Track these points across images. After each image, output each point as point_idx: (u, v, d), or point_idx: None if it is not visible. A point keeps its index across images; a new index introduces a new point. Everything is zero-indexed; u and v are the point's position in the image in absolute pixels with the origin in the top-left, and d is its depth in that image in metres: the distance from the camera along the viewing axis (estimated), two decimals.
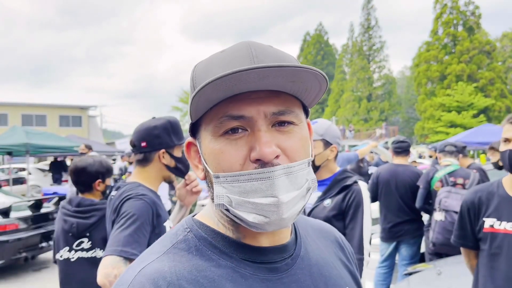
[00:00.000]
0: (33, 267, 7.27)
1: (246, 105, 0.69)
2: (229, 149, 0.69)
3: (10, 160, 13.77)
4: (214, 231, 0.77)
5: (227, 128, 0.70)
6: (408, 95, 59.93)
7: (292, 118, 0.72)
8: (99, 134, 41.31)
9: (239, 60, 0.70)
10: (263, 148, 0.67)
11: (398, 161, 4.96)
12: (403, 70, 73.26)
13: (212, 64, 0.73)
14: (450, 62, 37.78)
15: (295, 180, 0.70)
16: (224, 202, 0.69)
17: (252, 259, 0.75)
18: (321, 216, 2.34)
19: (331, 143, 2.43)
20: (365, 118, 49.69)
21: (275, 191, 0.67)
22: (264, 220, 0.68)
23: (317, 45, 61.68)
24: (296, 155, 0.71)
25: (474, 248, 2.17)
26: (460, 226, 2.21)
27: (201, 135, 0.75)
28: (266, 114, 0.69)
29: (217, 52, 0.77)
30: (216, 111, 0.70)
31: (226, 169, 0.69)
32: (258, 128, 0.69)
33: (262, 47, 0.74)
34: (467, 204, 2.16)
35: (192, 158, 0.81)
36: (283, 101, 0.71)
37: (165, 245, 0.75)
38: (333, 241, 0.95)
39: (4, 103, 38.30)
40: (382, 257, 4.78)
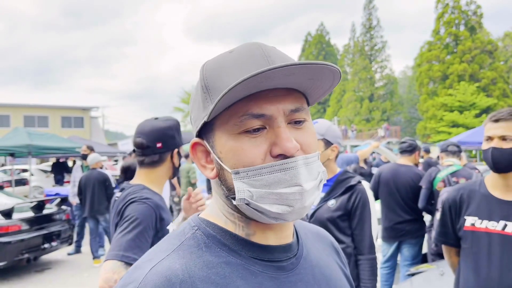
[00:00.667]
0: (36, 268, 7.28)
1: (266, 104, 0.71)
2: (250, 146, 0.71)
3: (12, 161, 13.79)
4: (222, 229, 0.78)
5: (248, 127, 0.71)
6: (410, 95, 59.82)
7: (304, 115, 0.75)
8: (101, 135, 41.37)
9: (254, 60, 0.72)
10: (285, 143, 0.69)
11: (402, 161, 4.97)
12: (405, 70, 73.17)
13: (225, 64, 0.74)
14: (452, 61, 37.70)
15: (312, 170, 0.73)
16: (246, 196, 0.71)
17: (260, 257, 0.76)
18: (325, 217, 2.35)
19: (332, 143, 2.42)
20: (367, 118, 49.62)
21: (299, 180, 0.70)
22: (288, 209, 0.70)
23: (318, 45, 61.63)
24: (310, 149, 0.75)
25: (455, 246, 2.18)
26: (442, 223, 2.22)
27: (215, 133, 0.75)
28: (285, 112, 0.72)
29: (225, 52, 0.78)
30: (235, 110, 0.71)
31: (247, 165, 0.71)
32: (277, 125, 0.71)
33: (270, 48, 0.76)
34: (448, 201, 2.16)
35: (198, 159, 0.81)
36: (297, 98, 0.74)
37: (174, 243, 0.76)
38: (329, 245, 0.98)
39: (6, 104, 38.41)
40: (384, 258, 4.77)
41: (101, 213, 7.32)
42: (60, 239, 7.37)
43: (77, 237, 8.14)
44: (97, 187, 7.30)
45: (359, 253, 2.30)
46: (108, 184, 7.40)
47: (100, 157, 7.74)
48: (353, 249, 2.33)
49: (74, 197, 8.22)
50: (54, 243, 7.17)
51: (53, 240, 7.18)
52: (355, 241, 2.33)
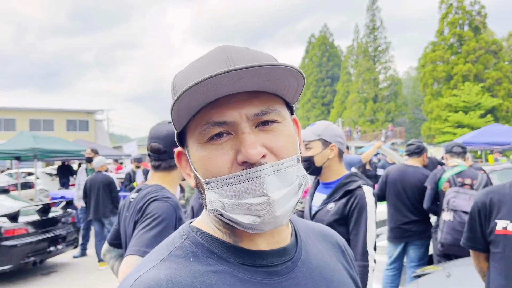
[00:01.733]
0: (42, 271, 7.31)
1: (227, 110, 0.69)
2: (216, 154, 0.70)
3: (18, 164, 13.86)
4: (211, 237, 0.77)
5: (211, 134, 0.70)
6: (415, 96, 59.64)
7: (275, 116, 0.72)
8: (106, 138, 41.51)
9: (216, 65, 0.70)
10: (248, 150, 0.67)
11: (410, 162, 4.97)
12: (409, 70, 73.00)
13: (191, 72, 0.73)
14: (457, 62, 37.54)
15: (285, 177, 0.70)
16: (217, 207, 0.69)
17: (250, 263, 0.74)
18: (324, 220, 2.32)
19: (330, 142, 2.39)
20: (371, 119, 49.51)
21: (265, 190, 0.67)
22: (258, 219, 0.68)
23: (322, 47, 61.60)
24: (283, 152, 0.71)
25: (483, 251, 2.13)
26: (470, 228, 2.16)
27: (188, 143, 0.75)
28: (248, 116, 0.70)
29: (195, 60, 0.77)
30: (198, 119, 0.70)
31: (215, 174, 0.70)
32: (241, 131, 0.69)
33: (238, 49, 0.74)
34: (478, 205, 2.11)
35: (183, 167, 0.81)
36: (263, 101, 0.71)
37: (162, 253, 0.75)
38: (334, 245, 0.95)
39: (12, 108, 38.62)
40: (390, 259, 4.75)
41: (106, 216, 7.33)
42: (66, 242, 7.40)
43: (83, 240, 8.16)
44: (102, 190, 7.32)
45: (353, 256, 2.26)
46: (113, 187, 7.42)
47: (105, 160, 7.76)
48: None
49: (79, 200, 8.25)
50: (59, 246, 7.20)
51: (59, 243, 7.20)
52: (350, 246, 2.29)
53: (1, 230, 6.32)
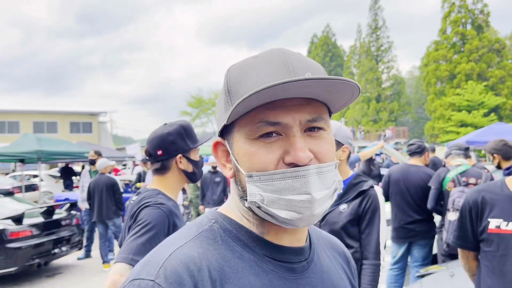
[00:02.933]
0: (46, 273, 7.33)
1: (283, 113, 0.72)
2: (264, 151, 0.73)
3: (22, 167, 13.92)
4: (238, 225, 0.80)
5: (263, 132, 0.73)
6: (418, 95, 59.52)
7: (322, 124, 0.76)
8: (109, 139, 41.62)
9: (275, 68, 0.74)
10: (298, 153, 0.71)
11: (412, 161, 4.96)
12: (411, 70, 72.84)
13: (249, 71, 0.76)
14: (460, 61, 37.46)
15: (325, 180, 0.74)
16: (257, 199, 0.73)
17: (273, 256, 0.78)
18: (337, 221, 2.33)
19: (342, 144, 2.40)
20: (375, 119, 49.44)
21: (309, 189, 0.71)
22: (297, 216, 0.72)
23: (324, 46, 61.59)
24: (325, 158, 0.75)
25: (473, 250, 2.13)
26: (460, 226, 2.15)
27: (233, 136, 0.78)
28: (301, 121, 0.73)
29: (251, 57, 0.80)
30: (252, 116, 0.73)
31: (260, 169, 0.73)
32: (293, 134, 0.73)
33: (295, 55, 0.78)
34: (469, 204, 2.09)
35: (219, 157, 0.84)
36: (315, 108, 0.75)
37: (192, 232, 0.78)
38: (340, 254, 0.99)
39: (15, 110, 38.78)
40: (394, 259, 4.74)
41: (110, 218, 7.35)
42: (70, 244, 7.42)
43: (87, 242, 8.19)
44: (105, 192, 7.34)
45: (364, 257, 2.29)
46: (116, 188, 7.43)
47: (108, 162, 7.77)
48: (360, 254, 2.31)
49: (83, 202, 8.28)
50: (64, 248, 7.22)
51: (63, 245, 7.23)
52: (361, 246, 2.31)
53: (6, 232, 6.34)
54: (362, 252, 2.31)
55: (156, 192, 1.98)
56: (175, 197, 2.07)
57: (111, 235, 7.63)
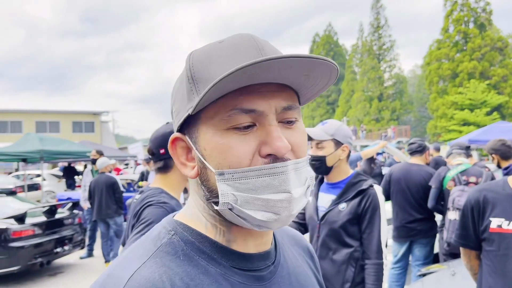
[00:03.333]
0: (49, 272, 7.36)
1: (257, 99, 0.65)
2: (238, 144, 0.65)
3: (24, 166, 13.97)
4: (201, 235, 0.72)
5: (237, 122, 0.65)
6: (420, 94, 59.39)
7: (296, 114, 0.71)
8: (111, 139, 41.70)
9: (246, 51, 0.67)
10: (276, 142, 0.65)
11: (413, 160, 4.96)
12: (414, 69, 72.69)
13: (214, 54, 0.69)
14: (462, 59, 37.34)
15: (300, 176, 0.69)
16: (230, 200, 0.65)
17: (240, 266, 0.72)
18: (336, 220, 2.34)
19: (342, 143, 2.40)
20: (377, 118, 49.36)
21: (288, 186, 0.65)
22: (274, 217, 0.66)
23: (326, 45, 61.52)
24: (300, 151, 0.70)
25: (475, 249, 2.12)
26: (462, 225, 2.15)
27: (199, 128, 0.69)
28: (276, 109, 0.67)
29: (215, 42, 0.72)
30: (223, 104, 0.65)
31: (234, 165, 0.65)
32: (269, 122, 0.66)
33: (263, 40, 0.71)
34: (470, 203, 2.09)
35: (178, 155, 0.75)
36: (289, 95, 0.69)
37: (149, 248, 0.69)
38: (304, 250, 0.94)
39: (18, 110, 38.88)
40: (395, 258, 4.74)
41: (110, 217, 7.37)
42: (73, 243, 7.45)
43: (89, 241, 8.21)
44: (105, 191, 7.36)
45: (366, 257, 2.29)
46: (116, 187, 7.43)
47: (109, 161, 7.78)
48: (361, 253, 2.32)
49: (85, 202, 8.31)
50: (66, 247, 7.24)
51: (66, 244, 7.25)
52: (363, 245, 2.31)
53: (9, 231, 6.36)
54: (363, 252, 2.31)
55: (159, 191, 1.99)
56: (178, 195, 2.08)
57: (112, 234, 7.65)
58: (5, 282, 6.64)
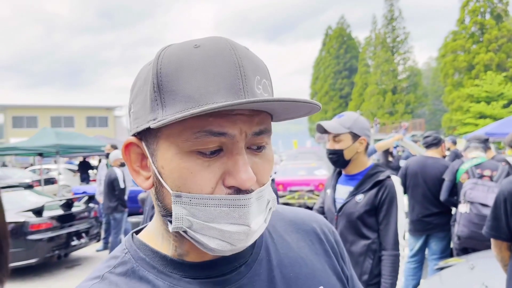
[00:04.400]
0: (66, 265, 7.47)
1: (229, 123, 0.60)
2: (201, 171, 0.61)
3: (40, 161, 14.17)
4: (152, 251, 0.70)
5: (203, 146, 0.60)
6: (435, 87, 58.63)
7: (267, 139, 0.66)
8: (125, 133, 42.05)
9: (226, 70, 0.60)
10: (241, 175, 0.60)
11: (429, 153, 4.91)
12: (428, 61, 71.74)
13: (188, 63, 0.60)
14: (478, 51, 36.73)
15: (261, 203, 0.65)
16: (184, 225, 0.62)
17: (194, 275, 0.68)
18: (353, 212, 2.34)
19: (359, 135, 2.39)
20: (390, 111, 48.92)
21: (248, 220, 0.61)
22: (229, 247, 0.62)
23: (339, 38, 61.01)
24: (265, 178, 0.66)
25: (507, 240, 2.11)
26: (494, 216, 2.14)
27: (158, 143, 0.63)
28: (247, 134, 0.62)
29: (190, 44, 0.63)
30: (190, 123, 0.59)
31: (193, 192, 0.61)
32: (237, 151, 0.61)
33: (242, 50, 0.64)
34: (504, 194, 2.07)
35: (132, 161, 0.69)
36: (263, 119, 0.64)
37: (103, 269, 0.69)
38: (308, 233, 0.84)
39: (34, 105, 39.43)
40: (412, 252, 4.71)
41: (109, 212, 7.47)
42: (89, 236, 7.55)
43: (105, 234, 8.31)
44: (106, 187, 7.44)
45: (383, 248, 2.29)
46: (115, 184, 7.41)
47: (119, 155, 7.80)
48: (378, 245, 2.31)
49: (100, 195, 8.40)
50: (83, 240, 7.35)
51: (82, 237, 7.35)
52: (380, 236, 2.31)
53: (27, 224, 6.47)
54: (380, 243, 2.30)
55: None
56: None
57: (128, 227, 7.72)
58: (23, 275, 6.76)
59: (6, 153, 13.63)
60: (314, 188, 10.48)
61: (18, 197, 7.28)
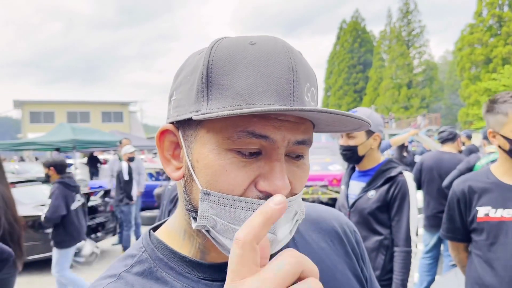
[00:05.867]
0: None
1: (273, 127, 0.58)
2: (236, 171, 0.59)
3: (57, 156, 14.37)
4: (171, 251, 0.69)
5: (243, 146, 0.58)
6: (451, 81, 57.78)
7: (307, 149, 0.64)
8: (140, 128, 42.45)
9: (280, 72, 0.58)
10: (277, 182, 0.58)
11: (445, 149, 4.85)
12: (445, 55, 70.69)
13: (241, 60, 0.59)
14: (496, 44, 36.06)
15: (290, 213, 0.62)
16: (208, 224, 0.60)
17: (212, 277, 0.66)
18: (364, 208, 2.34)
19: (373, 132, 2.38)
20: (406, 106, 48.39)
21: (275, 228, 0.59)
22: None
23: (353, 32, 60.45)
24: (298, 188, 0.64)
25: (463, 241, 2.09)
26: (449, 218, 2.12)
27: (198, 135, 0.62)
28: (289, 142, 0.60)
29: (246, 40, 0.62)
30: (233, 122, 0.58)
31: (224, 191, 0.59)
32: (277, 157, 0.59)
33: (297, 55, 0.63)
34: (456, 194, 2.06)
35: (164, 149, 0.68)
36: (307, 129, 0.63)
37: (119, 268, 0.68)
38: (330, 233, 0.83)
39: (50, 101, 40.00)
40: (427, 248, 4.67)
41: (116, 205, 7.59)
42: (105, 230, 7.65)
43: (120, 228, 8.41)
44: (116, 179, 7.57)
45: (395, 244, 2.29)
46: (120, 176, 7.52)
47: (128, 149, 7.80)
48: (391, 241, 2.31)
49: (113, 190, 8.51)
50: (99, 234, 7.45)
51: (98, 231, 7.46)
52: (392, 233, 2.31)
53: None
54: (393, 240, 2.30)
55: None
56: None
57: (139, 222, 7.82)
58: (40, 268, 6.88)
59: (24, 148, 13.88)
60: (328, 183, 10.46)
61: (35, 191, 7.41)
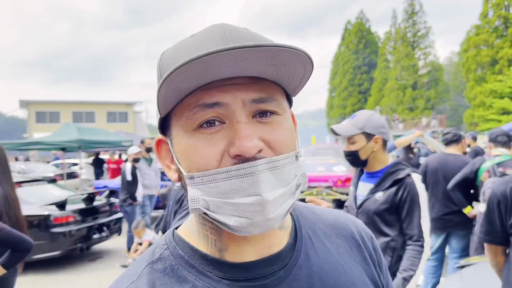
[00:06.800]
0: (88, 257, 7.63)
1: (221, 92, 0.60)
2: (204, 145, 0.61)
3: (62, 155, 14.46)
4: (192, 248, 0.70)
5: (201, 120, 0.61)
6: (456, 82, 57.50)
7: (275, 107, 0.64)
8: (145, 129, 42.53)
9: (211, 43, 0.62)
10: (243, 142, 0.59)
11: (449, 150, 4.83)
12: (450, 56, 70.36)
13: (181, 50, 0.64)
14: (502, 46, 35.81)
15: (282, 175, 0.62)
16: (200, 206, 0.61)
17: (233, 276, 0.66)
18: (372, 209, 2.35)
19: (373, 134, 2.38)
20: (411, 107, 48.19)
21: (258, 189, 0.59)
22: (248, 222, 0.60)
23: (358, 33, 60.27)
24: (282, 147, 0.63)
25: (502, 244, 2.06)
26: (488, 221, 2.08)
27: (172, 131, 0.66)
28: (244, 102, 0.61)
29: (187, 37, 0.68)
30: (187, 102, 0.61)
31: (201, 168, 0.61)
32: (236, 119, 0.60)
33: (237, 29, 0.65)
34: (497, 196, 2.02)
35: (163, 158, 0.72)
36: (264, 88, 0.63)
37: (141, 265, 0.70)
38: (348, 239, 0.82)
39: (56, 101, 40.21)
40: (432, 250, 4.66)
41: (120, 204, 7.60)
42: (110, 230, 7.69)
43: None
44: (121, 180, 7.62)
45: (408, 238, 2.27)
46: (123, 177, 7.55)
47: (134, 150, 7.80)
48: (398, 243, 2.31)
49: None
50: (104, 233, 7.49)
51: (103, 230, 7.50)
52: (404, 235, 2.31)
53: (51, 217, 6.63)
54: (400, 241, 2.30)
55: None
56: None
57: (149, 222, 7.83)
58: (47, 267, 6.93)
59: (30, 148, 13.96)
60: (332, 184, 10.45)
61: (41, 190, 7.47)
